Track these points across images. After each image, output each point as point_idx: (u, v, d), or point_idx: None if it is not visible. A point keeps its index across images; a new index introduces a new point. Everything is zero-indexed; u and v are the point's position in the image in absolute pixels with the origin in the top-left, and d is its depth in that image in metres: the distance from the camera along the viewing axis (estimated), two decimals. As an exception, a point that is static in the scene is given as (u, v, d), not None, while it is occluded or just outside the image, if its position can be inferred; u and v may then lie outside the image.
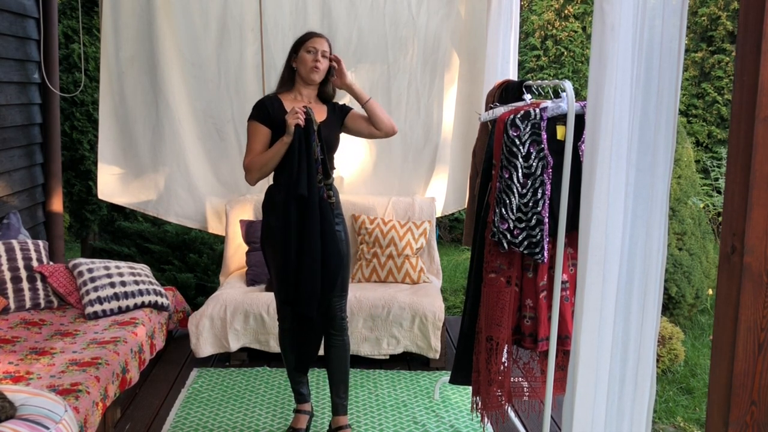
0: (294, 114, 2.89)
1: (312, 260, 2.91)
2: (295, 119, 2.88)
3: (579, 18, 8.94)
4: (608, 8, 1.77)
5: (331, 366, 3.17)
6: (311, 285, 2.93)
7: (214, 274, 5.52)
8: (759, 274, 1.48)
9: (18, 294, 3.63)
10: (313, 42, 3.04)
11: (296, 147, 2.90)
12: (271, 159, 2.96)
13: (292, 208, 2.92)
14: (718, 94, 8.71)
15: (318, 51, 3.03)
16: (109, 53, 4.48)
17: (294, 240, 2.93)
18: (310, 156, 2.89)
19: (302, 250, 2.92)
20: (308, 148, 2.90)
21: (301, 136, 2.90)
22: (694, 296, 5.07)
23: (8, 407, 2.20)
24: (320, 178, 2.93)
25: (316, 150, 2.91)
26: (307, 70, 3.03)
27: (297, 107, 2.91)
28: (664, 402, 3.94)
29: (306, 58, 3.02)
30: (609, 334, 1.91)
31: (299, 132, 2.90)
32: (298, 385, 3.30)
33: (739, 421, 1.52)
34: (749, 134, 1.44)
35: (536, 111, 2.67)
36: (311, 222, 2.90)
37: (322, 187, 2.94)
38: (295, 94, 3.10)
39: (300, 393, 3.31)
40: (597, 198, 1.85)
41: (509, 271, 2.76)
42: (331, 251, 2.96)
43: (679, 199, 5.17)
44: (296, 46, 3.08)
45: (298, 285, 2.96)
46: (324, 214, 2.94)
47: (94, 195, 5.41)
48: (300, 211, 2.92)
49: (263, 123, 3.02)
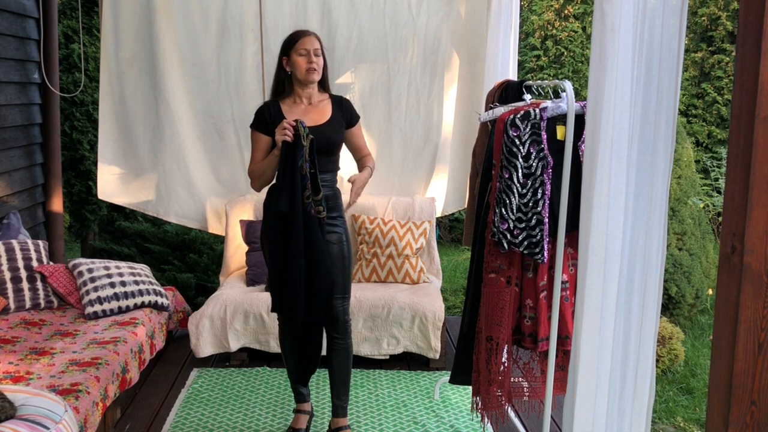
0: (281, 130, 2.84)
1: (295, 279, 2.86)
2: (282, 136, 2.83)
3: (579, 18, 8.94)
4: (608, 8, 1.77)
5: (333, 369, 3.15)
6: (295, 304, 2.89)
7: (214, 274, 5.52)
8: (759, 274, 1.48)
9: (18, 294, 3.63)
10: (303, 43, 2.97)
11: (282, 163, 2.86)
12: (267, 169, 2.96)
13: (276, 225, 2.89)
14: (718, 94, 8.71)
15: (310, 51, 2.96)
16: (109, 53, 4.48)
17: (278, 256, 2.89)
18: (295, 172, 2.83)
19: (286, 267, 2.88)
20: (293, 164, 2.83)
21: (288, 152, 2.85)
22: (694, 296, 5.07)
23: (8, 407, 2.20)
24: (308, 194, 2.86)
25: (304, 166, 2.84)
26: (303, 73, 2.97)
27: (286, 122, 2.86)
28: (664, 402, 3.94)
29: (299, 61, 2.96)
30: (610, 334, 1.91)
31: (286, 148, 2.85)
32: (298, 384, 3.29)
33: (739, 421, 1.52)
34: (749, 134, 1.44)
35: (536, 111, 2.67)
36: (294, 240, 2.84)
37: (309, 203, 2.87)
38: (294, 98, 3.05)
39: (300, 393, 3.31)
40: (597, 198, 1.85)
41: (509, 271, 2.76)
42: (319, 273, 2.89)
43: (679, 199, 5.17)
44: (285, 48, 3.01)
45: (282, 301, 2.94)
46: (311, 232, 2.87)
47: (94, 195, 5.42)
48: (283, 227, 2.87)
49: (262, 131, 3.00)
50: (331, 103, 3.08)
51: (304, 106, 3.04)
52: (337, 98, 3.12)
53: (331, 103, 3.09)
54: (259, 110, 3.05)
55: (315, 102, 3.06)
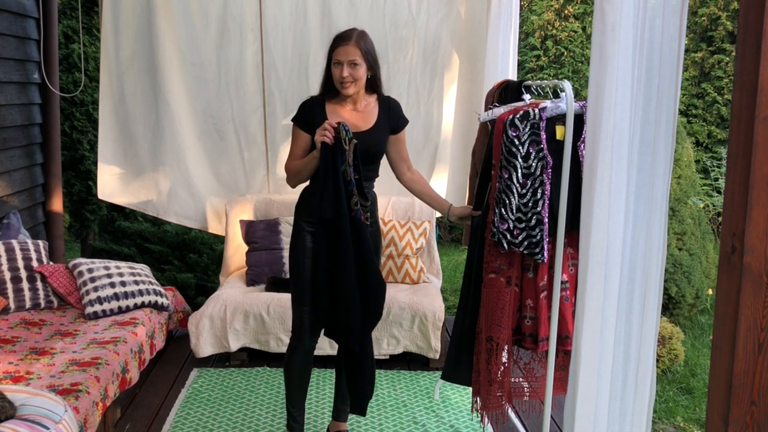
0: (322, 131, 2.66)
1: (350, 292, 2.68)
2: (322, 137, 2.65)
3: (579, 18, 8.94)
4: (609, 8, 1.77)
5: (342, 374, 3.04)
6: (351, 318, 2.70)
7: (214, 274, 5.52)
8: (759, 274, 1.48)
9: (18, 294, 3.63)
10: (337, 54, 2.75)
11: (322, 166, 2.68)
12: (304, 168, 2.79)
13: (320, 233, 2.72)
14: (718, 94, 8.71)
15: (344, 63, 2.74)
16: (109, 53, 4.47)
17: (323, 268, 2.71)
18: (337, 178, 2.65)
19: (336, 280, 2.69)
20: (335, 169, 2.66)
21: (328, 155, 2.67)
22: (694, 296, 5.07)
23: (8, 407, 2.20)
24: (356, 200, 2.69)
25: (348, 171, 2.66)
26: (337, 85, 2.79)
27: (327, 123, 2.67)
28: (664, 402, 3.94)
29: (334, 72, 2.78)
30: (611, 334, 1.91)
31: (326, 150, 2.66)
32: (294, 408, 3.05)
33: (739, 421, 1.52)
34: (749, 134, 1.44)
35: (535, 111, 2.67)
36: (343, 250, 2.66)
37: (358, 209, 2.69)
38: (340, 100, 2.86)
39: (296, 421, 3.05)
40: (598, 198, 1.85)
41: (509, 271, 2.76)
42: (372, 282, 2.72)
43: (679, 199, 5.17)
44: (328, 52, 2.82)
45: (335, 317, 2.74)
46: (361, 239, 2.69)
47: (94, 195, 5.41)
48: (330, 236, 2.69)
49: (302, 128, 2.84)
50: (378, 106, 2.90)
51: (348, 109, 2.87)
52: (386, 100, 2.93)
53: (379, 106, 2.90)
54: (303, 104, 2.89)
55: (361, 106, 2.88)
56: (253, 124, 4.68)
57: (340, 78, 2.76)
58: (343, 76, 2.75)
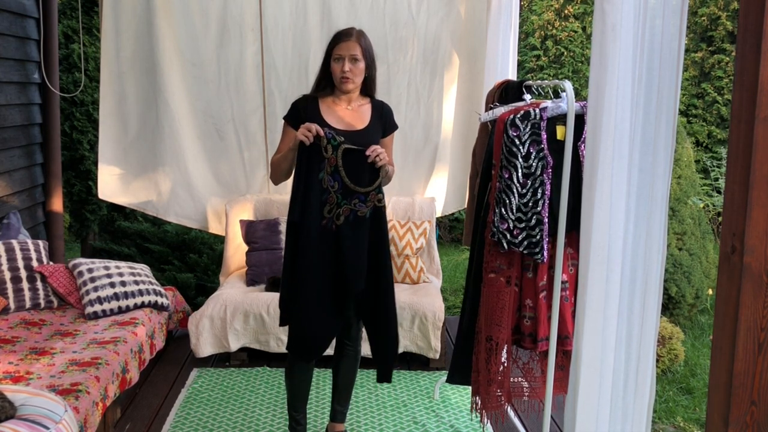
0: (305, 129, 2.68)
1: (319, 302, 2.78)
2: (302, 135, 2.67)
3: (579, 18, 8.95)
4: (609, 8, 1.77)
5: (339, 375, 3.09)
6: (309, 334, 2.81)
7: (214, 274, 5.52)
8: (759, 274, 1.48)
9: (18, 294, 3.63)
10: (339, 49, 2.77)
11: (296, 167, 2.72)
12: (283, 161, 2.82)
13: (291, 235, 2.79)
14: (718, 94, 8.71)
15: (345, 58, 2.77)
16: (109, 53, 4.47)
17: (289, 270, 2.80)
18: (310, 182, 2.69)
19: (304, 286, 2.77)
20: (308, 173, 2.69)
21: (303, 156, 2.70)
22: (694, 296, 5.07)
23: (8, 407, 2.20)
24: (330, 209, 2.72)
25: (326, 179, 2.69)
26: (337, 81, 2.81)
27: (313, 126, 2.69)
28: (664, 402, 3.94)
29: (334, 68, 2.79)
30: (612, 334, 1.91)
31: (302, 150, 2.69)
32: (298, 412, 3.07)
33: (739, 421, 1.52)
34: (749, 134, 1.44)
35: (536, 111, 2.67)
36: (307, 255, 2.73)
37: (330, 218, 2.73)
38: (334, 98, 2.88)
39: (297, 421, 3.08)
40: (599, 198, 1.85)
41: (509, 271, 2.76)
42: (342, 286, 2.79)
43: (679, 199, 5.17)
44: (327, 49, 2.84)
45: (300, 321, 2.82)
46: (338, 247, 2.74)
47: (94, 195, 5.42)
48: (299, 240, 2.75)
49: (292, 125, 2.84)
50: (371, 108, 2.92)
51: (343, 107, 2.88)
52: (379, 104, 2.95)
53: (372, 108, 2.92)
54: (296, 103, 2.90)
55: (355, 106, 2.89)
56: (253, 124, 4.68)
57: (342, 73, 2.78)
58: (345, 70, 2.77)
